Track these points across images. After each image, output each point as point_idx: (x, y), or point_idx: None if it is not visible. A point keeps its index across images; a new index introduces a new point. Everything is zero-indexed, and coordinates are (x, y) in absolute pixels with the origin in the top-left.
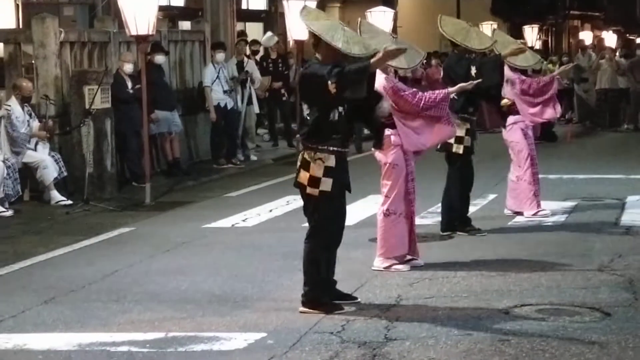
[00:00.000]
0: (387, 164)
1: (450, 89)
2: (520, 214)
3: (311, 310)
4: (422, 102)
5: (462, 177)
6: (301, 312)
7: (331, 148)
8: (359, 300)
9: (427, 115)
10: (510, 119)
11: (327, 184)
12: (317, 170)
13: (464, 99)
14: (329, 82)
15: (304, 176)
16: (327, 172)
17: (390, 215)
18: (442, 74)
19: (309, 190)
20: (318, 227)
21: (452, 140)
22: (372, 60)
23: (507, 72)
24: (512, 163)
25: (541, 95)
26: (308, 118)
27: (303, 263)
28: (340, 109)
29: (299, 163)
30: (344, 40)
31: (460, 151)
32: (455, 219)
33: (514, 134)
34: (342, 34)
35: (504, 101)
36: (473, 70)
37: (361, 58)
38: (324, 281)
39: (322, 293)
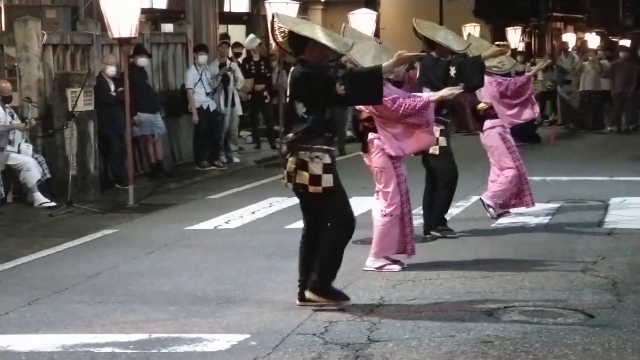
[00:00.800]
0: (375, 168)
1: (432, 97)
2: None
3: (320, 299)
4: (402, 109)
5: (443, 176)
6: (307, 299)
7: (325, 147)
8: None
9: (408, 123)
10: (487, 123)
11: (328, 180)
12: (315, 168)
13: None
14: (337, 84)
15: (303, 177)
16: (326, 169)
17: (387, 217)
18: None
19: (311, 189)
20: (336, 220)
21: None
22: (384, 64)
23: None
24: (492, 166)
25: (518, 96)
26: (305, 117)
27: (322, 257)
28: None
29: (293, 166)
30: (329, 39)
31: (437, 152)
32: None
33: (492, 139)
34: (322, 33)
35: (481, 105)
36: (452, 72)
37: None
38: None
39: (331, 283)
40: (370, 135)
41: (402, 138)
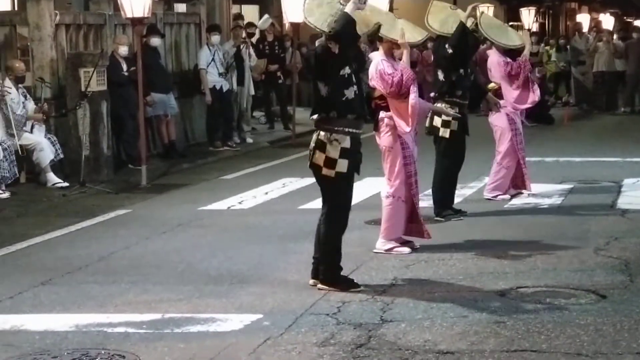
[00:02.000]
0: (383, 147)
1: (432, 107)
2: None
3: (330, 288)
4: (395, 86)
5: (449, 160)
6: (319, 289)
7: (346, 129)
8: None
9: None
10: (502, 102)
11: (343, 165)
12: (333, 151)
13: (449, 82)
14: (330, 45)
15: (319, 157)
16: (343, 153)
17: (390, 198)
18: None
19: (324, 171)
20: (335, 208)
21: (438, 124)
22: (346, 9)
23: (492, 56)
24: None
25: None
26: (326, 96)
27: (320, 243)
28: (356, 87)
29: (313, 144)
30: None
31: (447, 135)
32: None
33: (499, 119)
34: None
35: (491, 85)
36: (449, 50)
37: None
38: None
39: (339, 271)
40: (382, 114)
41: (405, 114)
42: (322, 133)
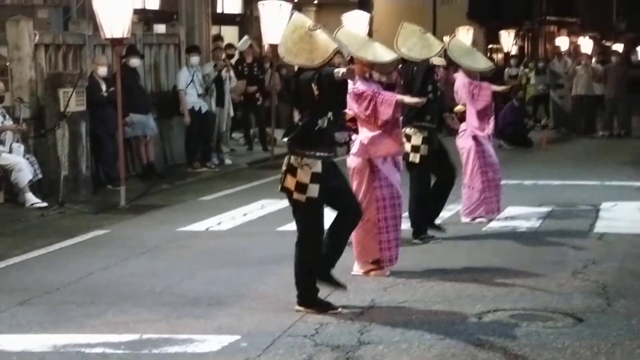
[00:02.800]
0: (351, 169)
1: (399, 98)
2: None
3: (307, 310)
4: (372, 104)
5: (419, 185)
6: (297, 310)
7: (318, 154)
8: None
9: (383, 123)
10: (463, 125)
11: (314, 190)
12: (304, 176)
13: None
14: (313, 86)
15: (290, 181)
16: (314, 178)
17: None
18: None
19: (295, 195)
20: (306, 232)
21: (408, 149)
22: (335, 70)
23: (459, 79)
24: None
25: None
26: (299, 124)
27: (295, 266)
28: (330, 115)
29: (284, 167)
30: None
31: (417, 160)
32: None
33: (465, 140)
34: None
35: (458, 107)
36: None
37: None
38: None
39: (315, 293)
40: (353, 137)
41: (375, 142)
42: (292, 157)
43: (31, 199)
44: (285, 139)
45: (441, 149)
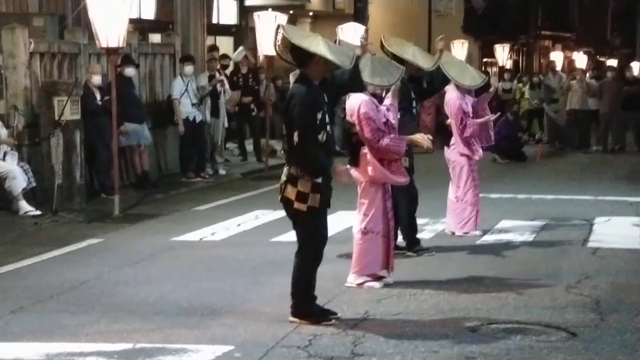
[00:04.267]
0: (364, 182)
1: (407, 138)
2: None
3: (301, 321)
4: (378, 142)
5: (407, 198)
6: (291, 321)
7: None
8: (339, 315)
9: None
10: (454, 138)
11: (315, 200)
12: (304, 186)
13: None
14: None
15: (291, 191)
16: (315, 188)
17: (368, 234)
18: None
19: (296, 205)
20: (307, 242)
21: None
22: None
23: (450, 93)
24: (451, 182)
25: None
26: (299, 142)
27: (293, 276)
28: (328, 127)
29: (284, 178)
30: (333, 53)
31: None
32: (414, 236)
33: (457, 154)
34: (326, 47)
35: (449, 120)
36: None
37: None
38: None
39: (311, 304)
40: (364, 149)
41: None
42: (293, 167)
43: (25, 207)
44: (283, 151)
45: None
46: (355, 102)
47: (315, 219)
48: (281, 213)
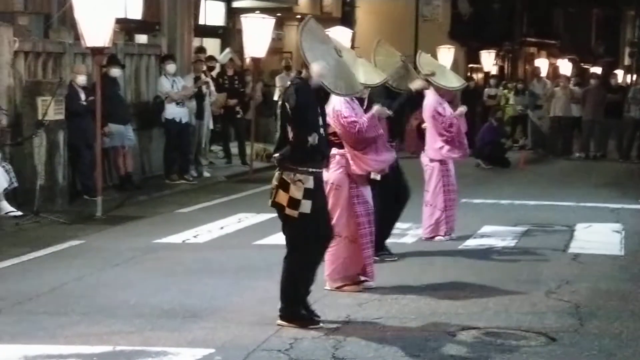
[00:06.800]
0: (329, 185)
1: (370, 113)
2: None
3: (288, 324)
4: (358, 127)
5: (381, 202)
6: (278, 324)
7: (310, 170)
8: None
9: (368, 140)
10: (427, 142)
11: (306, 206)
12: (296, 192)
13: None
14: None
15: (283, 197)
16: (307, 194)
17: (335, 238)
18: None
19: (287, 211)
20: (296, 247)
21: None
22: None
23: (428, 96)
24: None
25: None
26: (291, 140)
27: (281, 280)
28: (321, 129)
29: (275, 182)
30: (334, 75)
31: (378, 178)
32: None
33: (427, 158)
34: (325, 64)
35: (425, 124)
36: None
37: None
38: (301, 297)
39: (298, 308)
40: (333, 150)
41: (367, 154)
42: (284, 173)
43: (6, 207)
44: (276, 155)
45: (397, 168)
46: (332, 103)
47: (307, 225)
48: (264, 216)
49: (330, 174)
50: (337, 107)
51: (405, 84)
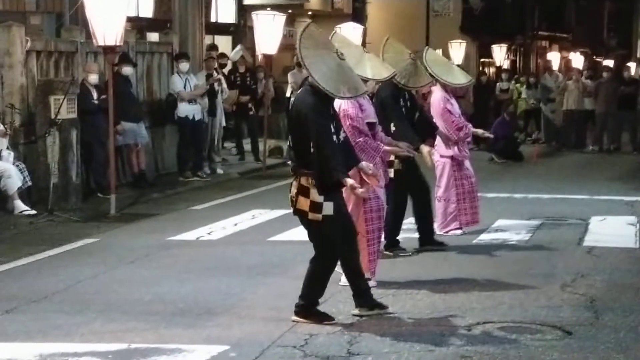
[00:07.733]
0: None
1: (386, 148)
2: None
3: (303, 320)
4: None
5: (396, 199)
6: (293, 320)
7: None
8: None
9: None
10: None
11: (329, 208)
12: (317, 195)
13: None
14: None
15: (304, 202)
16: (328, 196)
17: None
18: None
19: (311, 216)
20: (323, 250)
21: None
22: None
23: (435, 93)
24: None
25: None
26: (310, 147)
27: (305, 279)
28: (336, 136)
29: (294, 190)
30: (329, 78)
31: (391, 175)
32: (396, 237)
33: (438, 154)
34: (326, 68)
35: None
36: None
37: None
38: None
39: (316, 307)
40: None
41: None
42: (302, 178)
43: (20, 206)
44: (290, 161)
45: (413, 163)
46: (337, 102)
47: (333, 227)
48: (278, 212)
49: None
50: (343, 105)
51: (414, 81)
